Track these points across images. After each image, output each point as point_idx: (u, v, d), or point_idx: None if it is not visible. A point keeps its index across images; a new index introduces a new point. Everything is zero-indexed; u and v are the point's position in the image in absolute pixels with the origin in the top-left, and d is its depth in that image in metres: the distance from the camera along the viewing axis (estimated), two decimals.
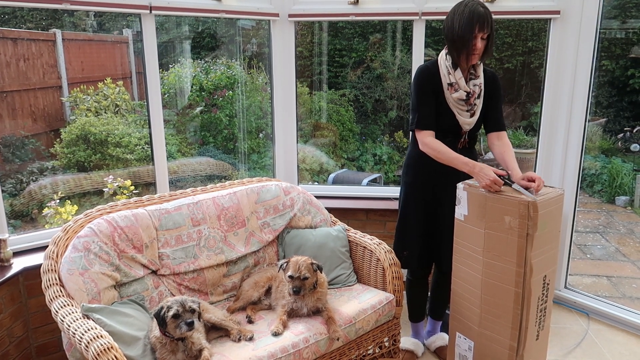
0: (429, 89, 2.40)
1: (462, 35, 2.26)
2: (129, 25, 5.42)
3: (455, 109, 2.40)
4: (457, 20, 2.28)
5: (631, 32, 6.51)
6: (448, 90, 2.38)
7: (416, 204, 2.57)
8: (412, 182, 2.58)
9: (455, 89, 2.38)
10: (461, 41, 2.27)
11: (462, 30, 2.25)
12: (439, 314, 2.86)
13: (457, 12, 2.28)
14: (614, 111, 6.80)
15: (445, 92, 2.39)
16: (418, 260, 2.64)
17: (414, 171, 2.56)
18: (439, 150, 2.35)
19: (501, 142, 2.46)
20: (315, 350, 2.21)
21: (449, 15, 2.34)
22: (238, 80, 5.50)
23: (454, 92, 2.37)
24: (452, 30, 2.29)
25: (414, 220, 2.59)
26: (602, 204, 5.88)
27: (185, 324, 1.90)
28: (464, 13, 2.25)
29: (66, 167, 4.29)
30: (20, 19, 4.83)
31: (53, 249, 2.19)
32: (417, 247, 2.61)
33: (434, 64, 2.44)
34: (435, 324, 2.89)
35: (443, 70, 2.38)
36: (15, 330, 2.45)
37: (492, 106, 2.47)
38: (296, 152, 3.56)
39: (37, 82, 4.33)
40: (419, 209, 2.57)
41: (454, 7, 2.34)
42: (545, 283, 2.17)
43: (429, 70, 2.41)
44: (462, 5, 2.29)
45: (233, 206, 2.69)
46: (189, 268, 2.46)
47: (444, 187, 2.44)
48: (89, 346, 1.73)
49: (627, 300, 3.69)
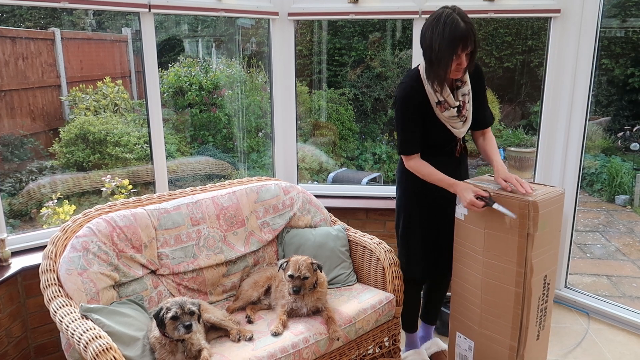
0: (415, 110, 2.22)
1: (442, 58, 2.03)
2: (127, 24, 5.41)
3: (447, 123, 2.26)
4: (436, 41, 2.02)
5: (631, 31, 6.50)
6: (437, 108, 2.22)
7: (420, 210, 2.44)
8: (411, 189, 2.42)
9: (444, 107, 2.22)
10: (442, 63, 2.05)
11: (442, 52, 2.02)
12: (433, 318, 2.80)
13: (435, 30, 2.02)
14: (613, 110, 6.80)
15: (434, 108, 2.23)
16: (422, 270, 2.52)
17: (411, 179, 2.38)
18: (424, 173, 2.27)
19: (485, 138, 2.41)
20: (315, 350, 2.21)
21: (425, 32, 2.08)
22: (237, 79, 5.49)
23: (444, 111, 2.22)
24: (431, 51, 2.06)
25: (419, 228, 2.46)
26: (601, 203, 5.87)
27: (183, 327, 1.89)
28: (444, 33, 1.99)
29: (65, 167, 4.28)
30: (19, 17, 4.82)
31: (52, 248, 2.18)
32: (423, 256, 2.49)
33: (417, 78, 2.22)
34: (428, 329, 2.81)
35: (428, 88, 2.20)
36: (13, 331, 2.45)
37: (478, 105, 2.33)
38: (296, 151, 3.56)
39: (36, 81, 4.31)
40: (422, 215, 2.44)
41: (428, 22, 2.07)
42: (546, 283, 2.17)
43: (413, 90, 2.20)
44: (439, 22, 2.02)
45: (232, 205, 2.68)
46: (188, 268, 2.45)
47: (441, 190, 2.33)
48: (88, 346, 1.72)
49: (627, 300, 3.69)
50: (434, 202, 2.39)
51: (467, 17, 2.04)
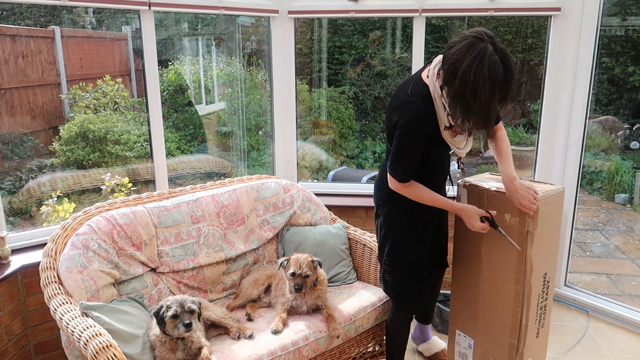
0: (425, 137, 1.98)
1: (487, 109, 1.76)
2: (127, 22, 5.40)
3: (452, 145, 2.07)
4: (482, 92, 1.71)
5: (631, 30, 6.50)
6: (446, 131, 2.00)
7: (423, 224, 2.24)
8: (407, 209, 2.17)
9: (455, 132, 2.01)
10: (483, 113, 1.78)
11: (487, 102, 1.73)
12: (429, 317, 2.73)
13: (479, 76, 1.70)
14: (613, 109, 6.80)
15: (441, 130, 2.00)
16: (424, 292, 2.38)
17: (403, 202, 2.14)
18: (426, 199, 2.08)
19: (496, 137, 2.19)
20: (315, 348, 2.21)
21: (465, 72, 1.72)
22: (237, 78, 5.49)
23: (454, 136, 2.03)
24: (473, 99, 1.73)
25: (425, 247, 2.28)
26: (601, 201, 5.87)
27: (183, 325, 1.90)
28: (492, 87, 1.71)
29: (65, 165, 4.27)
30: (18, 15, 4.81)
31: (52, 246, 2.18)
32: (427, 277, 2.34)
33: (427, 98, 1.94)
34: (426, 329, 2.74)
35: (440, 111, 1.94)
36: (13, 328, 2.45)
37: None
38: (296, 150, 3.56)
39: (36, 79, 4.31)
40: (426, 228, 2.25)
41: (468, 59, 1.71)
42: (546, 281, 2.17)
43: (427, 113, 1.94)
44: (484, 66, 1.69)
45: (232, 204, 2.68)
46: (188, 266, 2.45)
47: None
48: (88, 344, 1.73)
49: (626, 298, 3.69)
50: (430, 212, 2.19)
51: (507, 55, 1.77)
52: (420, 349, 2.76)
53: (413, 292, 2.30)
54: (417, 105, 1.93)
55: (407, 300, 2.33)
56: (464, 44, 1.75)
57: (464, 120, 1.83)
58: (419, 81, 2.00)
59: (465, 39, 1.76)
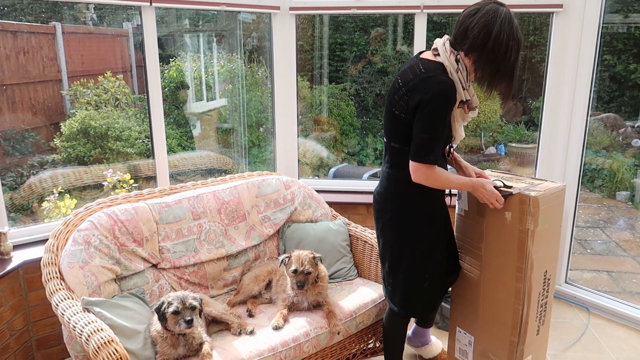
0: (451, 111, 1.97)
1: (510, 71, 1.91)
2: (129, 19, 5.39)
3: (458, 123, 2.05)
4: (512, 51, 1.86)
5: (633, 27, 6.48)
6: (459, 108, 1.99)
7: (439, 223, 2.17)
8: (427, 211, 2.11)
9: (470, 107, 2.00)
10: (507, 75, 1.91)
11: (514, 61, 1.89)
12: (431, 321, 2.65)
13: (512, 39, 1.85)
14: (615, 106, 6.78)
15: (454, 110, 2.00)
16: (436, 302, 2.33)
17: (426, 197, 2.07)
18: (447, 180, 2.01)
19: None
20: (316, 344, 2.21)
21: (498, 33, 1.83)
22: (238, 74, 5.48)
23: (468, 111, 2.00)
24: (504, 59, 1.86)
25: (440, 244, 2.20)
26: (602, 199, 5.87)
27: (185, 322, 1.90)
28: (519, 47, 1.89)
29: (66, 161, 4.28)
30: (20, 11, 4.81)
31: (53, 242, 2.19)
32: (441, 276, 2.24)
33: (445, 73, 1.92)
34: (426, 332, 2.67)
35: (458, 86, 1.93)
36: (15, 324, 2.46)
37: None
38: (297, 146, 3.56)
39: (37, 75, 4.30)
40: (441, 229, 2.18)
41: (501, 23, 1.84)
42: (546, 278, 2.17)
43: (451, 84, 1.90)
44: (513, 28, 1.86)
45: (234, 200, 2.68)
46: (190, 262, 2.45)
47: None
48: (90, 339, 1.73)
49: (627, 295, 3.69)
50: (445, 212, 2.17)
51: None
52: (420, 352, 2.71)
53: (420, 302, 2.23)
54: (439, 77, 1.88)
55: (407, 309, 2.24)
56: (488, 9, 1.85)
57: (492, 81, 1.91)
58: (425, 61, 1.95)
59: (487, 5, 1.87)
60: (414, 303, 2.21)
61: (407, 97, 1.90)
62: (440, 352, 2.69)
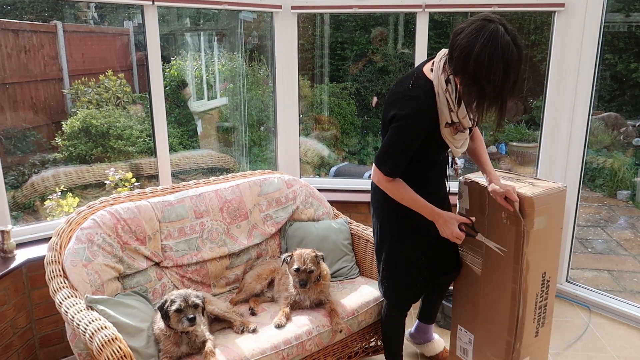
0: (422, 133, 1.93)
1: (502, 91, 1.73)
2: (130, 18, 5.39)
3: (450, 143, 2.00)
4: (497, 74, 1.68)
5: (634, 26, 6.48)
6: (446, 129, 1.93)
7: (417, 225, 2.15)
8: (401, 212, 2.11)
9: (457, 129, 1.94)
10: (498, 96, 1.75)
11: (501, 83, 1.70)
12: (433, 317, 2.68)
13: (494, 59, 1.67)
14: (616, 105, 6.78)
15: (441, 129, 1.94)
16: (420, 289, 2.36)
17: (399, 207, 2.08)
18: (406, 198, 2.02)
19: (473, 137, 2.18)
20: (318, 342, 2.22)
21: (479, 54, 1.68)
22: (239, 73, 5.48)
23: (455, 133, 1.95)
24: (487, 82, 1.70)
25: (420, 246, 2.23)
26: (603, 198, 5.87)
27: (187, 320, 1.91)
28: (506, 72, 1.69)
29: (68, 160, 4.28)
30: (21, 10, 4.81)
31: (56, 240, 2.19)
32: (424, 273, 2.28)
33: (430, 94, 1.87)
34: (429, 329, 2.69)
35: (442, 106, 1.87)
36: (18, 322, 2.46)
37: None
38: (298, 145, 3.56)
39: (38, 74, 4.31)
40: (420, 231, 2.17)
41: (481, 41, 1.67)
42: (545, 280, 2.15)
43: (430, 109, 1.88)
44: (497, 48, 1.67)
45: (236, 199, 2.69)
46: (192, 260, 2.46)
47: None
48: (94, 337, 1.74)
49: (628, 294, 3.70)
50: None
51: (518, 38, 1.73)
52: (422, 349, 2.72)
53: (404, 293, 2.32)
54: (419, 99, 1.88)
55: (396, 301, 2.35)
56: (473, 27, 1.71)
57: (479, 105, 1.78)
58: (420, 76, 1.93)
59: (474, 23, 1.73)
60: (392, 292, 2.33)
61: (388, 106, 1.99)
62: (442, 350, 2.69)
